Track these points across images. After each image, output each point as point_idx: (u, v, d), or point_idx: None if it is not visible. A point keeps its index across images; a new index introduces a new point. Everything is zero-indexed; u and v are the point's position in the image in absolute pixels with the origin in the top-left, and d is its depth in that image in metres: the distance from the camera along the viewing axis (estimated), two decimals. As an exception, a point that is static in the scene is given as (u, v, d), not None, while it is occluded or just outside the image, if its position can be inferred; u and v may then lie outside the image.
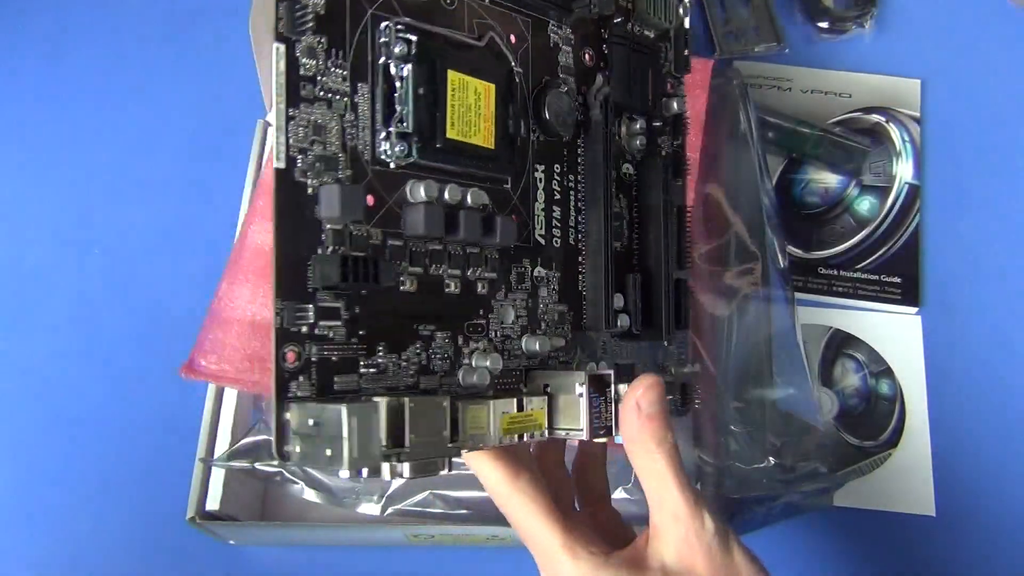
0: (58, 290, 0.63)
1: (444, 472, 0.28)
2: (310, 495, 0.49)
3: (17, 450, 0.58)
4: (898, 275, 0.63)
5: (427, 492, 0.48)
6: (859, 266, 0.63)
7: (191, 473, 0.50)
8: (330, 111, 0.29)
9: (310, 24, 0.29)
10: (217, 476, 0.50)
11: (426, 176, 0.30)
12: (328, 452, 0.26)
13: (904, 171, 0.66)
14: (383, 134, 0.29)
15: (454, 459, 0.28)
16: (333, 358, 0.28)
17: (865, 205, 0.65)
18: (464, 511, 0.47)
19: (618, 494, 0.50)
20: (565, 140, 0.36)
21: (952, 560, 0.55)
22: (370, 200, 0.29)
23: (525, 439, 0.31)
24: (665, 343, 0.39)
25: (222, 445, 0.51)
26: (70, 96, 0.72)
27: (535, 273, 0.34)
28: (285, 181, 0.27)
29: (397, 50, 0.29)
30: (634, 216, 0.39)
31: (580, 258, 0.36)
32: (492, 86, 0.32)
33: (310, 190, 0.28)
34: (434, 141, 0.30)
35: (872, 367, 0.60)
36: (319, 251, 0.28)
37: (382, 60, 0.30)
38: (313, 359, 0.28)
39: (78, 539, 0.56)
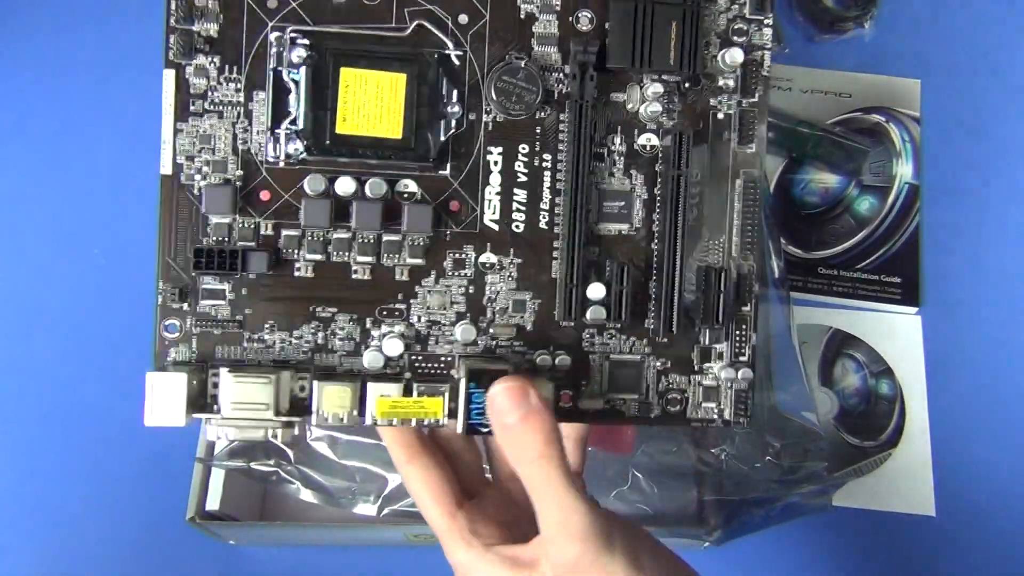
0: (58, 290, 0.63)
1: (276, 440, 0.32)
2: (306, 495, 0.49)
3: (17, 450, 0.58)
4: (898, 275, 0.63)
5: None
6: (859, 266, 0.63)
7: (191, 473, 0.50)
8: (220, 121, 0.33)
9: (202, 48, 0.33)
10: (217, 476, 0.50)
11: (317, 170, 0.33)
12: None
13: (904, 171, 0.66)
14: (275, 136, 0.33)
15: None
16: (215, 332, 0.33)
17: (865, 205, 0.65)
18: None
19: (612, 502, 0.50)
20: (530, 118, 0.34)
21: (952, 560, 0.55)
22: (265, 195, 0.33)
23: (414, 424, 0.33)
24: (664, 339, 0.35)
25: (221, 446, 0.51)
26: (70, 96, 0.72)
27: (481, 260, 0.34)
28: (171, 185, 0.33)
29: (293, 57, 0.32)
30: (655, 195, 0.35)
31: (556, 243, 0.34)
32: (403, 76, 0.32)
33: (196, 190, 0.33)
34: (324, 138, 0.32)
35: (872, 367, 0.60)
36: (203, 241, 0.33)
37: (274, 68, 0.33)
38: (194, 331, 0.33)
39: (78, 539, 0.56)
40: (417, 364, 0.34)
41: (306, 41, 0.32)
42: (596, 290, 0.34)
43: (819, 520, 0.55)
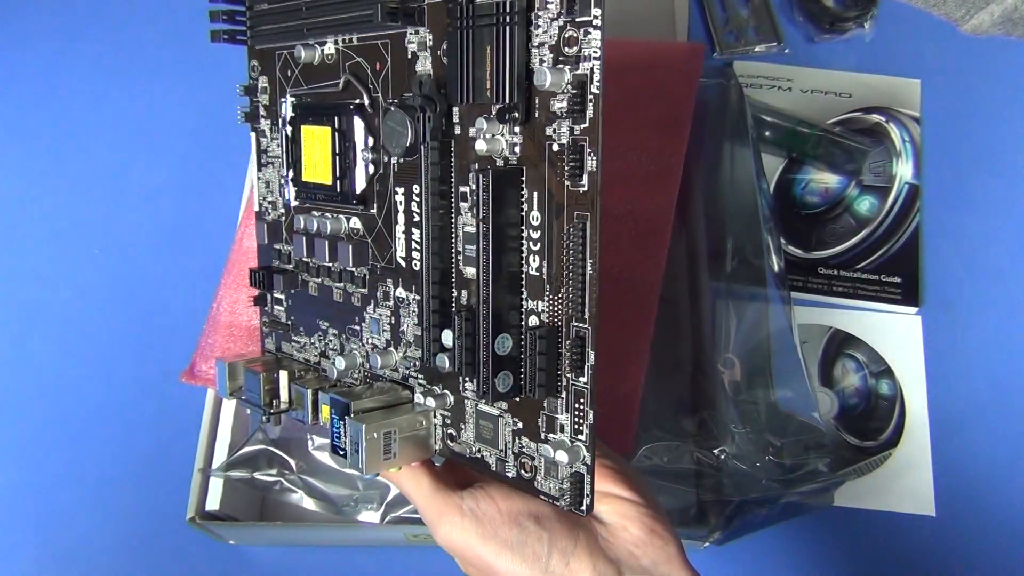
0: (58, 290, 0.64)
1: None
2: (309, 504, 0.49)
3: (18, 450, 0.59)
4: (898, 275, 0.63)
5: None
6: (859, 266, 0.63)
7: (191, 474, 0.50)
8: (273, 170, 0.41)
9: (262, 114, 0.41)
10: (217, 476, 0.50)
11: (303, 210, 0.40)
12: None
13: (904, 171, 0.66)
14: (286, 184, 0.40)
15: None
16: (279, 330, 0.43)
17: (865, 205, 0.65)
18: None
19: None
20: (415, 159, 0.33)
21: (952, 560, 0.55)
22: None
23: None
24: (485, 402, 0.32)
25: (221, 450, 0.51)
26: (70, 97, 0.72)
27: (396, 294, 0.36)
28: (258, 220, 0.43)
29: (287, 117, 0.39)
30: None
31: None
32: (328, 129, 0.36)
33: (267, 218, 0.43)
34: (299, 184, 0.38)
35: (872, 367, 0.60)
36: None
37: (284, 127, 0.39)
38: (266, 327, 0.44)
39: (79, 539, 0.56)
40: (364, 378, 0.39)
41: (291, 101, 0.39)
42: (446, 336, 0.33)
43: (819, 520, 0.55)
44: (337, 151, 0.36)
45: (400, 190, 0.35)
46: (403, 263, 0.35)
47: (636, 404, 0.48)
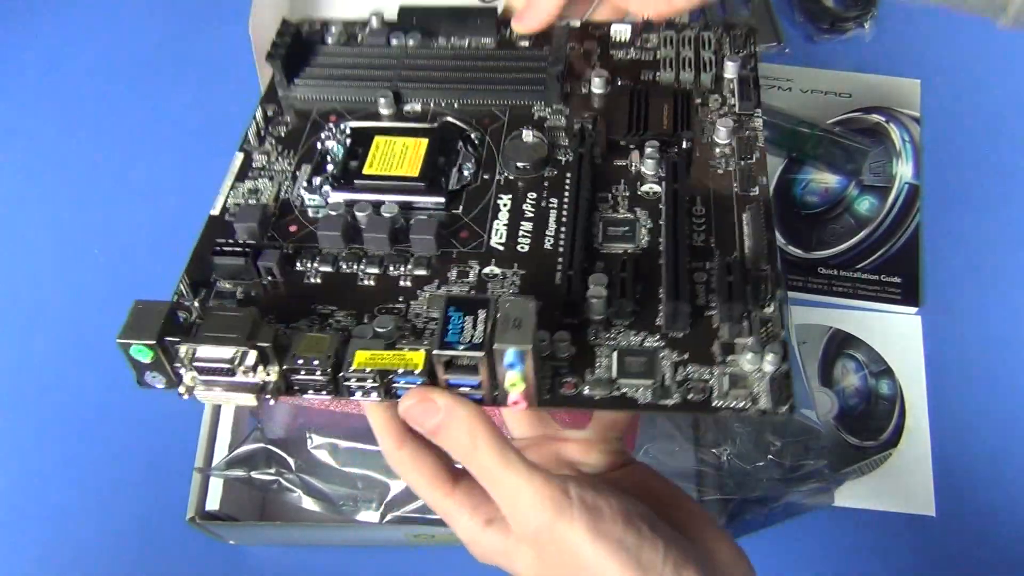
0: (58, 290, 0.63)
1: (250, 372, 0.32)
2: (308, 503, 0.49)
3: (17, 450, 0.58)
4: (898, 275, 0.63)
5: None
6: (859, 266, 0.63)
7: (191, 473, 0.50)
8: (271, 182, 0.41)
9: (270, 141, 0.43)
10: (214, 476, 0.50)
11: (345, 204, 0.39)
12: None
13: (904, 171, 0.66)
14: (309, 185, 0.40)
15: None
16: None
17: (865, 205, 0.65)
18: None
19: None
20: (538, 175, 0.40)
21: (952, 560, 0.55)
22: (293, 228, 0.39)
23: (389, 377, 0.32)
24: (678, 334, 0.34)
25: (221, 450, 0.51)
26: (70, 96, 0.72)
27: (484, 271, 0.36)
28: (215, 222, 0.40)
29: (337, 135, 0.42)
30: (659, 224, 0.38)
31: (560, 259, 0.37)
32: (426, 140, 0.40)
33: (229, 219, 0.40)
34: (350, 178, 0.39)
35: (872, 367, 0.60)
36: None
37: (321, 145, 0.42)
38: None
39: (79, 539, 0.56)
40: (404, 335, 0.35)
41: (352, 127, 0.42)
42: (597, 279, 0.34)
43: (820, 520, 0.55)
44: (438, 152, 0.39)
45: (505, 196, 0.39)
46: (500, 248, 0.37)
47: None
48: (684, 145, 0.39)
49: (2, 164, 0.69)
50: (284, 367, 0.31)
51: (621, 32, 0.47)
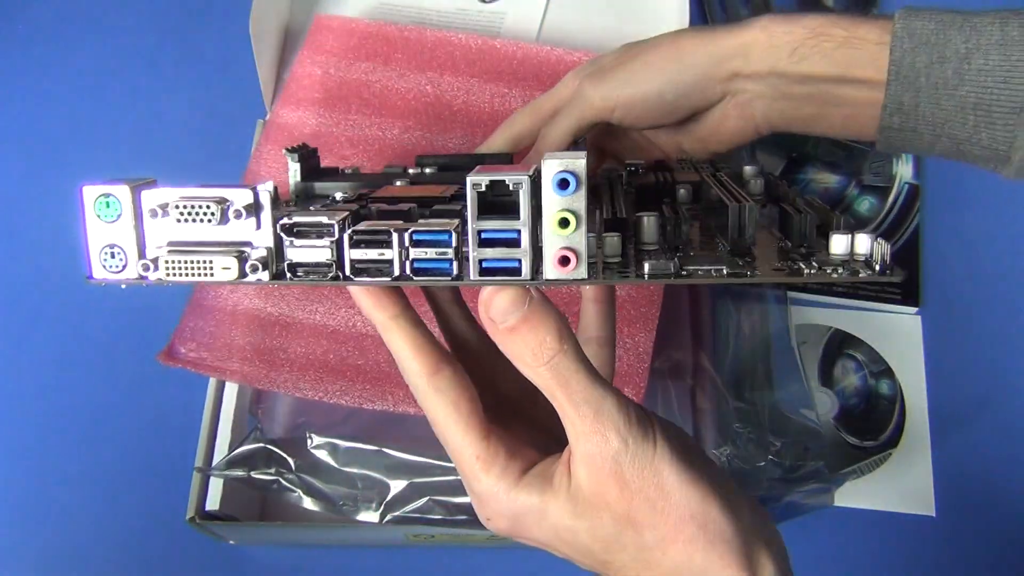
0: (58, 291, 0.63)
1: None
2: (308, 503, 0.49)
3: (18, 450, 0.58)
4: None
5: (426, 498, 0.48)
6: (859, 266, 0.63)
7: (191, 474, 0.50)
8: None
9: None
10: (213, 476, 0.50)
11: None
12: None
13: (904, 171, 0.66)
14: None
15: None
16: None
17: (865, 205, 0.65)
18: (463, 516, 0.47)
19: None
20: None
21: (952, 560, 0.55)
22: None
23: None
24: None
25: (221, 450, 0.51)
26: (70, 96, 0.72)
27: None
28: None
29: None
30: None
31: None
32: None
33: None
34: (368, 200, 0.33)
35: (872, 367, 0.60)
36: None
37: None
38: None
39: (79, 539, 0.56)
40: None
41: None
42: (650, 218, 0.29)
43: (820, 519, 0.55)
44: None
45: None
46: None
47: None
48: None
49: (2, 164, 0.69)
50: (284, 221, 0.26)
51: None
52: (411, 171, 0.43)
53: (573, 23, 0.65)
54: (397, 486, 0.49)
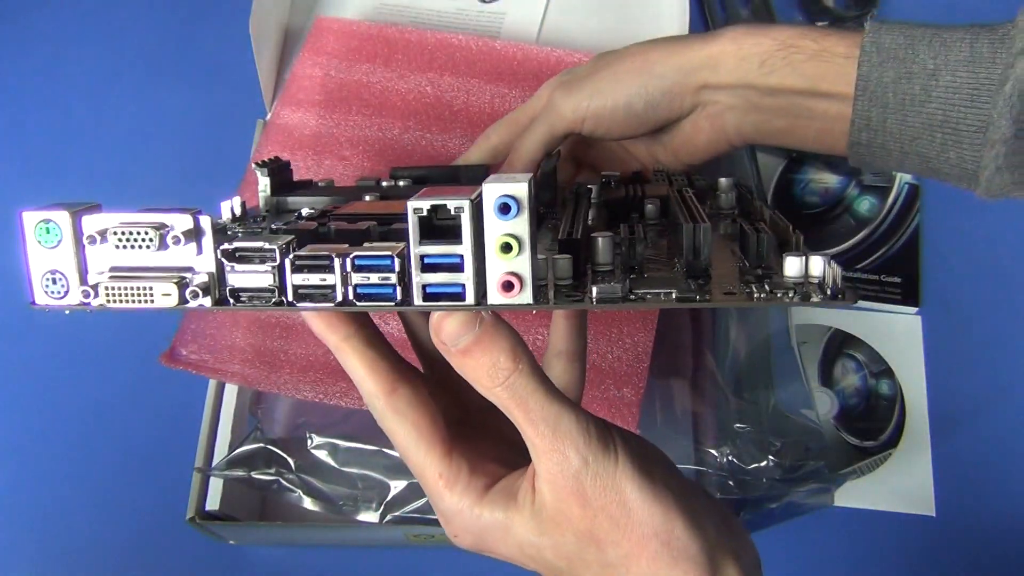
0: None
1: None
2: (308, 503, 0.49)
3: (17, 450, 0.58)
4: (898, 275, 0.63)
5: (426, 498, 0.48)
6: (859, 266, 0.63)
7: (191, 474, 0.50)
8: None
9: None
10: (214, 476, 0.50)
11: None
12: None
13: (904, 171, 0.66)
14: None
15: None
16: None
17: (865, 205, 0.65)
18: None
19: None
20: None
21: (952, 560, 0.55)
22: None
23: None
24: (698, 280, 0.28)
25: (221, 450, 0.51)
26: (70, 96, 0.72)
27: None
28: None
29: None
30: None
31: None
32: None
33: None
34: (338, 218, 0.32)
35: (872, 367, 0.60)
36: None
37: None
38: None
39: (79, 539, 0.56)
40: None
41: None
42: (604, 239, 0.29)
43: (820, 519, 0.55)
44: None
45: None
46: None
47: (638, 406, 0.48)
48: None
49: (2, 164, 0.69)
50: (224, 247, 0.26)
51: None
52: (384, 183, 0.42)
53: (573, 24, 0.65)
54: (397, 486, 0.49)
